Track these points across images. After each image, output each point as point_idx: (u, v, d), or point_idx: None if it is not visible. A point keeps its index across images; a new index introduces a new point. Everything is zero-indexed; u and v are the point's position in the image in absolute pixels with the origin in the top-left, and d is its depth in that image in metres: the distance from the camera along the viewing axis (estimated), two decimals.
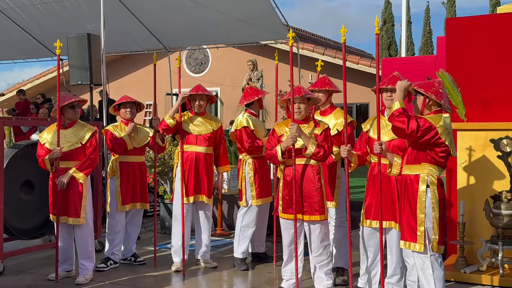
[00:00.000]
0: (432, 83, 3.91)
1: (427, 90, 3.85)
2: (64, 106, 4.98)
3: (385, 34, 23.32)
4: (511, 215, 4.81)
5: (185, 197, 5.34)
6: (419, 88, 3.88)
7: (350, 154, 4.26)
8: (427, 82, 3.93)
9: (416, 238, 3.78)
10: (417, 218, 3.79)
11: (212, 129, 5.46)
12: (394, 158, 4.00)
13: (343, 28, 4.23)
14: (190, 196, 5.35)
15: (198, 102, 5.40)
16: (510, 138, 5.08)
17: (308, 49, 14.41)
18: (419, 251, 3.78)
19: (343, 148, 4.23)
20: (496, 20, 5.47)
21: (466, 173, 5.26)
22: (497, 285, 4.79)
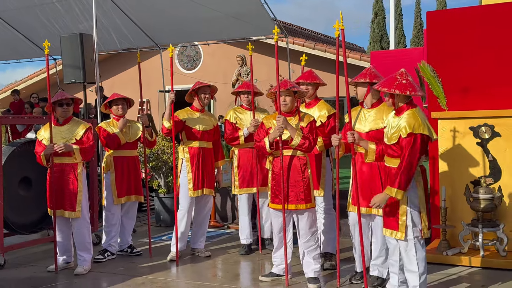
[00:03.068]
0: (394, 77, 3.92)
1: (390, 87, 3.87)
2: (54, 103, 5.17)
3: (377, 27, 23.48)
4: (490, 199, 5.03)
5: (193, 191, 5.54)
6: (382, 88, 3.91)
7: (340, 142, 4.43)
8: (388, 79, 3.95)
9: (398, 227, 3.93)
10: (399, 209, 3.92)
11: (212, 125, 5.70)
12: (369, 145, 4.16)
13: (337, 23, 4.30)
14: (198, 190, 5.55)
15: (206, 95, 5.61)
16: (488, 125, 5.30)
17: (299, 44, 14.58)
18: (400, 239, 3.94)
19: (334, 136, 4.40)
20: (473, 12, 5.67)
21: (447, 160, 5.48)
22: (478, 266, 5.01)
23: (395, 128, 3.90)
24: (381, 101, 4.43)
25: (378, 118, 4.37)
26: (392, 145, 3.93)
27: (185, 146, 5.61)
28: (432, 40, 5.80)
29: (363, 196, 4.38)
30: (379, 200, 3.98)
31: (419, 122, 3.81)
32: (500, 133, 5.24)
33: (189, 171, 5.53)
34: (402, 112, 3.93)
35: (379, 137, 4.24)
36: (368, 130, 4.39)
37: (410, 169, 3.77)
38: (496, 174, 5.26)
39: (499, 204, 5.07)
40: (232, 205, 7.63)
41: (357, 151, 4.46)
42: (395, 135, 3.89)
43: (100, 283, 4.98)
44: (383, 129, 4.21)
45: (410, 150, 3.77)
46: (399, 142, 3.86)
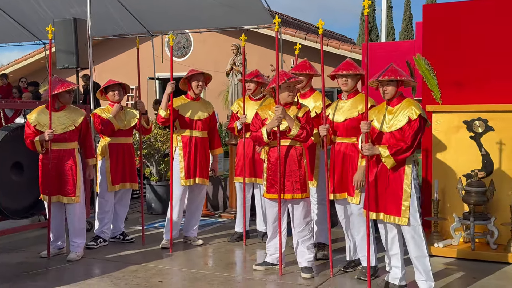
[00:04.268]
0: (395, 68, 4.08)
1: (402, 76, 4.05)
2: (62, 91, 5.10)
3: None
4: (481, 192, 5.09)
5: (184, 180, 5.52)
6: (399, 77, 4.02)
7: (329, 132, 4.56)
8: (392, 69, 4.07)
9: (400, 213, 4.01)
10: (402, 194, 4.00)
11: (207, 114, 5.66)
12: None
13: (320, 21, 4.56)
14: (190, 178, 5.54)
15: (199, 83, 5.59)
16: (482, 119, 5.35)
17: (290, 34, 14.54)
18: (404, 224, 4.02)
19: (322, 127, 4.52)
20: (470, 6, 5.70)
21: (440, 153, 5.53)
22: (468, 258, 5.08)
23: (398, 115, 4.03)
24: (357, 92, 4.62)
25: (353, 108, 4.53)
26: (394, 131, 4.02)
27: (178, 134, 5.59)
28: (428, 33, 5.83)
29: (337, 183, 4.56)
30: (358, 174, 4.26)
31: (421, 107, 4.02)
32: (494, 127, 5.30)
33: (182, 159, 5.52)
34: (398, 101, 4.08)
35: (354, 125, 4.41)
36: (343, 119, 4.53)
37: (411, 147, 3.93)
38: (488, 168, 5.32)
39: (491, 198, 5.14)
40: (224, 194, 7.64)
41: (334, 140, 4.54)
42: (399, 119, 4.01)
43: (93, 269, 4.97)
44: (358, 118, 4.42)
45: (417, 130, 3.95)
46: (403, 126, 3.98)
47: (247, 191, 5.85)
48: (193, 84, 5.60)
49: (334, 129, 4.61)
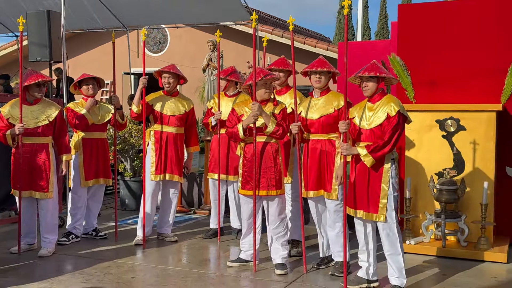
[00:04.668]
0: (376, 65, 4.13)
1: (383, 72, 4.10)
2: (31, 84, 5.00)
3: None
4: (453, 190, 5.18)
5: (154, 175, 5.49)
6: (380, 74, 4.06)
7: (300, 130, 4.60)
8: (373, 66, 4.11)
9: (377, 210, 4.07)
10: (380, 191, 4.06)
11: (184, 110, 5.62)
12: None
13: (291, 18, 4.65)
14: (159, 174, 5.51)
15: (166, 80, 5.55)
16: (454, 119, 5.44)
17: (267, 31, 14.55)
18: (382, 221, 4.08)
19: (294, 125, 4.57)
20: (443, 7, 5.79)
21: (413, 152, 5.60)
22: (440, 255, 5.17)
23: (378, 112, 4.07)
24: (329, 90, 4.67)
25: (328, 104, 4.57)
26: (373, 128, 4.06)
27: (152, 129, 5.56)
28: (403, 33, 5.90)
29: (312, 181, 4.58)
30: (340, 169, 4.30)
31: (401, 103, 4.06)
32: (465, 127, 5.39)
33: (153, 154, 5.49)
34: (379, 98, 4.12)
35: (330, 122, 4.49)
36: (319, 116, 4.56)
37: (388, 143, 3.96)
38: (460, 167, 5.41)
39: (462, 196, 5.23)
40: (199, 190, 7.62)
41: (308, 138, 4.60)
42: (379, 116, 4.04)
43: (65, 265, 4.90)
44: (333, 114, 4.50)
45: (395, 126, 3.97)
46: (382, 123, 4.01)
47: (222, 187, 5.84)
48: (162, 80, 5.58)
49: (308, 127, 4.63)
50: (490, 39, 5.50)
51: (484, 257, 5.01)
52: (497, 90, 5.53)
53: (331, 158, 4.54)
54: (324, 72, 4.58)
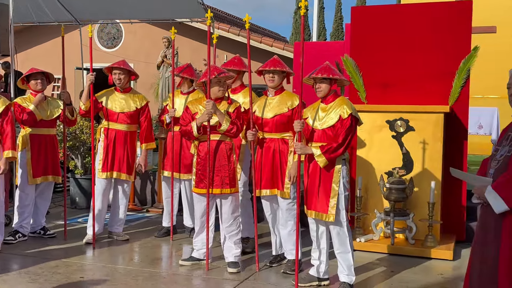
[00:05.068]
0: (329, 67, 4.19)
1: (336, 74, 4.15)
2: None
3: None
4: (402, 189, 5.31)
5: (101, 173, 5.39)
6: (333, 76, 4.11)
7: (255, 137, 4.65)
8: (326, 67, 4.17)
9: (327, 210, 4.13)
10: (331, 191, 4.11)
11: (135, 106, 5.53)
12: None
13: (247, 16, 4.66)
14: (108, 172, 5.42)
15: (117, 76, 5.46)
16: (403, 119, 5.58)
17: (224, 29, 14.54)
18: (331, 221, 4.13)
19: (250, 132, 4.61)
20: (395, 10, 5.93)
21: (364, 151, 5.72)
22: (388, 252, 5.29)
23: (331, 113, 4.12)
24: (283, 90, 4.72)
25: (282, 104, 4.61)
26: (326, 128, 4.11)
27: (102, 126, 5.47)
28: (355, 35, 6.00)
29: (265, 179, 4.61)
30: (293, 168, 4.36)
31: (353, 106, 4.14)
32: (414, 127, 5.54)
33: (101, 152, 5.42)
34: (332, 99, 4.17)
35: (284, 121, 4.54)
36: (273, 115, 4.59)
37: (342, 146, 4.02)
38: (408, 166, 5.56)
39: (410, 195, 5.37)
40: (152, 188, 7.53)
41: (263, 137, 4.63)
42: (331, 117, 4.10)
43: (11, 264, 4.75)
44: (287, 114, 4.54)
45: (348, 129, 4.04)
46: (335, 124, 4.07)
47: (175, 185, 5.79)
48: (112, 76, 5.49)
49: (262, 126, 4.66)
50: (439, 42, 5.67)
51: (431, 254, 5.16)
52: (445, 92, 5.70)
53: (284, 157, 4.58)
54: (277, 72, 4.62)
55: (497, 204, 2.76)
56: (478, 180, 2.94)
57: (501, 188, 2.75)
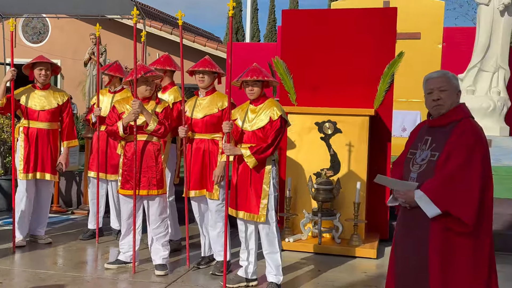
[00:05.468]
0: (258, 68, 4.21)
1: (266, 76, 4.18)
2: None
3: (233, 19, 23.93)
4: (329, 190, 5.43)
5: (23, 174, 5.16)
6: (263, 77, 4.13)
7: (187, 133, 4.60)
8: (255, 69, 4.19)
9: (258, 210, 4.15)
10: (261, 192, 4.13)
11: (56, 103, 5.32)
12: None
13: (180, 12, 4.60)
14: (31, 172, 5.21)
15: (43, 72, 5.24)
16: (331, 122, 5.71)
17: (156, 27, 14.33)
18: (262, 222, 4.15)
19: (181, 128, 4.53)
20: (325, 15, 6.05)
21: (293, 153, 5.80)
22: (316, 252, 5.39)
23: (260, 115, 4.14)
24: (215, 90, 4.72)
25: (212, 104, 4.61)
26: (256, 130, 4.13)
27: (21, 125, 5.24)
28: (286, 37, 6.08)
29: (195, 180, 4.59)
30: (219, 169, 4.36)
31: (282, 107, 4.18)
32: (341, 130, 5.67)
33: (22, 152, 5.20)
34: (261, 101, 4.20)
35: (214, 121, 4.53)
36: (203, 116, 4.59)
37: (271, 146, 4.05)
38: (336, 167, 5.69)
39: (337, 195, 5.50)
40: (78, 189, 7.28)
41: (193, 137, 4.62)
42: (261, 119, 4.12)
43: None
44: (217, 114, 4.54)
45: (278, 130, 4.07)
46: (265, 126, 4.09)
47: (101, 186, 5.63)
48: (36, 72, 5.26)
49: (192, 126, 4.62)
50: (366, 47, 5.83)
51: (356, 253, 5.30)
52: (371, 96, 5.88)
53: (214, 158, 4.56)
54: (207, 72, 4.59)
55: (430, 209, 2.81)
56: (403, 185, 2.96)
57: (433, 192, 2.80)
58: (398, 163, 3.15)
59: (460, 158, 2.80)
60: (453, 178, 2.79)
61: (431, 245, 2.85)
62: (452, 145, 2.85)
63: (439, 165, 2.84)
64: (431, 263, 2.84)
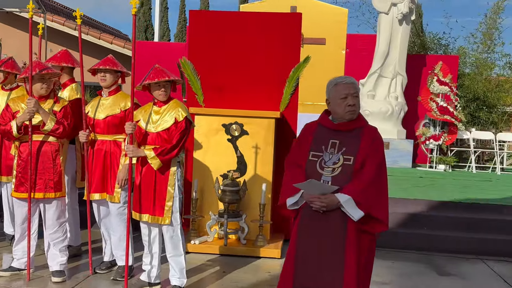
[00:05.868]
0: (162, 69, 4.14)
1: (170, 75, 4.12)
2: None
3: (142, 16, 23.46)
4: (235, 191, 5.45)
5: None
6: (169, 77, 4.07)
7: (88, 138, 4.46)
8: (160, 71, 4.11)
9: (163, 213, 4.08)
10: (166, 194, 4.07)
11: None
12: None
13: (78, 11, 4.54)
14: None
15: None
16: (238, 123, 5.74)
17: (59, 22, 13.71)
18: (167, 224, 4.09)
19: (82, 133, 4.40)
20: (233, 17, 6.06)
21: (200, 154, 5.77)
22: (221, 253, 5.39)
23: (165, 116, 4.08)
24: (119, 90, 4.62)
25: (115, 105, 4.50)
26: (160, 131, 4.05)
27: None
28: (193, 38, 6.04)
29: (96, 183, 4.47)
30: (122, 172, 4.27)
31: (187, 108, 4.16)
32: (248, 132, 5.72)
33: None
34: (166, 102, 4.13)
35: (116, 122, 4.43)
36: (105, 116, 4.47)
37: (176, 147, 4.00)
38: (242, 169, 5.73)
39: (243, 197, 5.53)
40: None
41: (95, 138, 4.50)
42: (166, 120, 4.06)
43: None
44: (119, 115, 4.42)
45: (183, 131, 4.03)
46: (170, 127, 4.03)
47: None
48: None
49: (94, 127, 4.46)
50: (272, 51, 5.92)
51: (260, 253, 5.36)
52: (277, 99, 5.98)
53: (115, 160, 4.43)
54: (109, 71, 4.45)
55: (355, 212, 2.89)
56: (322, 188, 2.96)
57: (358, 196, 2.89)
58: (294, 163, 3.13)
59: (376, 164, 2.97)
60: (373, 183, 2.94)
61: (348, 246, 2.92)
62: (366, 151, 2.98)
63: (356, 170, 2.95)
64: (348, 262, 2.91)
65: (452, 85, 10.39)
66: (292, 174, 3.13)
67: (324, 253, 2.96)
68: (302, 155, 3.10)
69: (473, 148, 10.93)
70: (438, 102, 10.22)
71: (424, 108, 10.53)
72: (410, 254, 5.73)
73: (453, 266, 5.39)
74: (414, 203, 6.46)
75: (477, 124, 12.98)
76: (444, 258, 5.63)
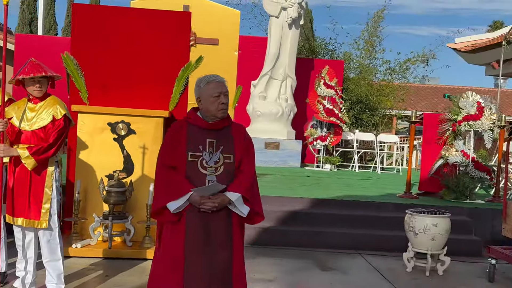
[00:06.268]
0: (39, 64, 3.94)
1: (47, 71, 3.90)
2: None
3: (27, 8, 22.14)
4: (121, 192, 5.30)
5: None
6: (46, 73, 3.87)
7: None
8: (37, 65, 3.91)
9: (39, 216, 3.88)
10: (43, 196, 3.87)
11: None
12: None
13: None
14: None
15: None
16: (125, 122, 5.58)
17: None
18: (44, 228, 3.88)
19: None
20: (120, 13, 5.87)
21: (84, 154, 5.53)
22: (106, 256, 5.21)
23: (42, 113, 3.88)
24: None
25: None
26: (36, 130, 3.85)
27: None
28: (77, 32, 5.78)
29: None
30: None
31: (65, 105, 3.98)
32: (136, 131, 5.58)
33: None
34: (42, 99, 3.93)
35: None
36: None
37: (53, 146, 3.83)
38: (129, 169, 5.58)
39: (130, 197, 5.39)
40: None
41: None
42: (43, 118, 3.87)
43: None
44: None
45: (61, 129, 3.86)
46: (47, 125, 3.85)
47: None
48: None
49: None
50: (161, 49, 5.81)
51: (147, 255, 5.24)
52: (166, 98, 5.89)
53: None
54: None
55: (244, 208, 3.01)
56: (215, 189, 2.95)
57: (247, 193, 3.00)
58: (167, 165, 3.00)
59: (252, 162, 3.12)
60: (253, 180, 3.09)
61: (235, 240, 3.03)
62: (241, 149, 3.07)
63: (236, 168, 3.04)
64: (236, 255, 3.01)
65: (337, 88, 10.90)
66: (168, 177, 3.00)
67: (214, 252, 2.97)
68: (178, 157, 2.99)
69: (356, 149, 11.55)
70: (325, 105, 10.68)
71: (312, 110, 10.94)
72: (294, 250, 5.91)
73: (335, 261, 5.64)
74: (300, 201, 6.68)
75: (360, 126, 13.74)
76: (326, 254, 5.87)
